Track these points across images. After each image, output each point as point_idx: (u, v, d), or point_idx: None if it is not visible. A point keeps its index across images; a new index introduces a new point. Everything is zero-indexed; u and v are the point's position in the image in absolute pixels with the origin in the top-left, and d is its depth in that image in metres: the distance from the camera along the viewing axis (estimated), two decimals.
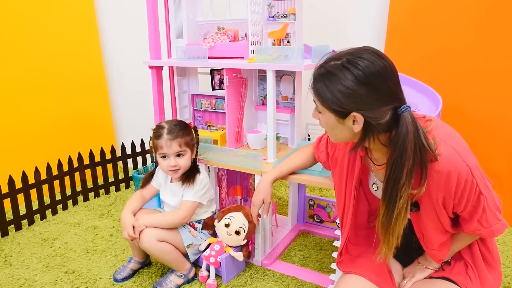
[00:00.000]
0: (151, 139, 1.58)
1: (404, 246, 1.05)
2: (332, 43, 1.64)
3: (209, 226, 1.66)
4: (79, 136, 2.57)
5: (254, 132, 1.83)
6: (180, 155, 1.54)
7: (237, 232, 1.57)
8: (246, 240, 1.61)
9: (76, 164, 2.36)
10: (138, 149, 2.59)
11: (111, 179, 2.52)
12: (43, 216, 2.16)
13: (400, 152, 0.89)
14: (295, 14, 1.65)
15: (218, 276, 1.62)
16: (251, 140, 1.81)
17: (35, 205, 2.18)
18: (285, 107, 1.81)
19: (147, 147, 2.58)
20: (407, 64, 2.05)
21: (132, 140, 2.57)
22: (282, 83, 1.81)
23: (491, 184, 0.96)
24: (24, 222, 2.10)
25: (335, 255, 1.31)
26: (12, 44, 2.22)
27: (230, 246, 1.59)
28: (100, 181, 2.51)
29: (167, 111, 1.90)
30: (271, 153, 1.63)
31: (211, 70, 1.89)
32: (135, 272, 1.67)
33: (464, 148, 0.93)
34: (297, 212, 2.01)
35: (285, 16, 1.69)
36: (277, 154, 1.68)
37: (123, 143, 2.58)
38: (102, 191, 2.49)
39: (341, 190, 1.17)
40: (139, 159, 2.66)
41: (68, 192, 2.36)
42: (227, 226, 1.59)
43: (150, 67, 1.80)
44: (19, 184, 2.08)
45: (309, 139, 2.15)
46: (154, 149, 1.56)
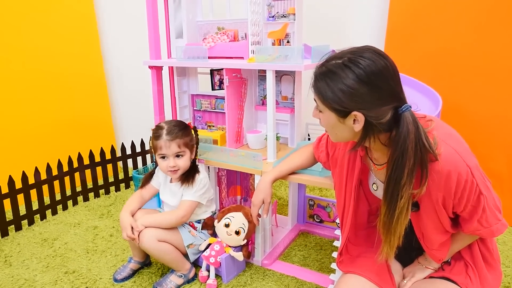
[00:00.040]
0: (151, 139, 1.58)
1: (406, 246, 1.05)
2: (332, 43, 1.64)
3: (209, 226, 1.66)
4: (79, 136, 2.57)
5: (254, 132, 1.83)
6: (179, 155, 1.54)
7: (237, 232, 1.57)
8: (246, 240, 1.61)
9: (76, 164, 2.36)
10: (138, 149, 2.59)
11: (111, 179, 2.52)
12: (43, 216, 2.16)
13: (401, 152, 0.89)
14: (295, 14, 1.65)
15: (218, 276, 1.62)
16: (251, 140, 1.81)
17: (35, 205, 2.18)
18: (285, 107, 1.81)
19: (147, 147, 2.58)
20: (407, 64, 2.05)
21: (132, 140, 2.57)
22: (282, 83, 1.81)
23: (491, 184, 0.96)
24: (24, 222, 2.10)
25: (335, 255, 1.31)
26: (12, 44, 2.22)
27: (230, 246, 1.59)
28: (100, 181, 2.51)
29: (167, 111, 1.90)
30: (271, 153, 1.63)
31: (211, 70, 1.89)
32: (135, 272, 1.67)
33: (464, 148, 0.93)
34: (297, 212, 2.01)
35: (285, 16, 1.69)
36: (277, 154, 1.68)
37: (123, 143, 2.58)
38: (102, 191, 2.49)
39: (341, 190, 1.17)
40: (139, 159, 2.66)
41: (68, 192, 2.36)
42: (227, 226, 1.59)
43: (150, 67, 1.80)
44: (19, 184, 2.08)
45: (309, 139, 2.15)
46: (153, 149, 1.56)
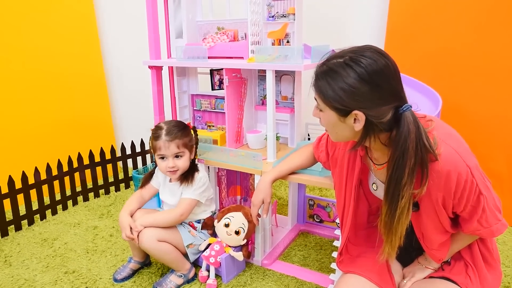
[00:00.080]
0: (151, 140, 1.58)
1: (406, 246, 1.05)
2: (332, 43, 1.64)
3: (208, 226, 1.66)
4: (79, 136, 2.57)
5: (253, 132, 1.83)
6: (179, 156, 1.54)
7: (236, 232, 1.57)
8: (246, 240, 1.61)
9: (76, 164, 2.36)
10: (138, 149, 2.59)
11: (111, 179, 2.52)
12: (43, 216, 2.16)
13: (402, 152, 0.89)
14: (294, 14, 1.65)
15: (218, 276, 1.62)
16: (251, 140, 1.81)
17: (35, 205, 2.17)
18: (284, 107, 1.81)
19: (147, 147, 2.58)
20: (407, 64, 2.05)
21: (132, 140, 2.57)
22: (281, 83, 1.81)
23: (491, 184, 0.96)
24: (24, 222, 2.10)
25: (335, 255, 1.31)
26: (12, 44, 2.22)
27: (230, 246, 1.59)
28: (100, 181, 2.51)
29: (167, 111, 1.90)
30: (270, 153, 1.63)
31: (211, 70, 1.89)
32: (135, 272, 1.67)
33: (464, 148, 0.93)
34: (297, 212, 2.01)
35: (284, 16, 1.69)
36: (277, 154, 1.68)
37: (123, 143, 2.58)
38: (102, 191, 2.49)
39: (341, 190, 1.17)
40: (139, 159, 2.66)
41: (68, 192, 2.36)
42: (227, 226, 1.59)
43: (150, 67, 1.80)
44: (19, 184, 2.08)
45: (308, 139, 2.15)
46: (152, 149, 1.56)
